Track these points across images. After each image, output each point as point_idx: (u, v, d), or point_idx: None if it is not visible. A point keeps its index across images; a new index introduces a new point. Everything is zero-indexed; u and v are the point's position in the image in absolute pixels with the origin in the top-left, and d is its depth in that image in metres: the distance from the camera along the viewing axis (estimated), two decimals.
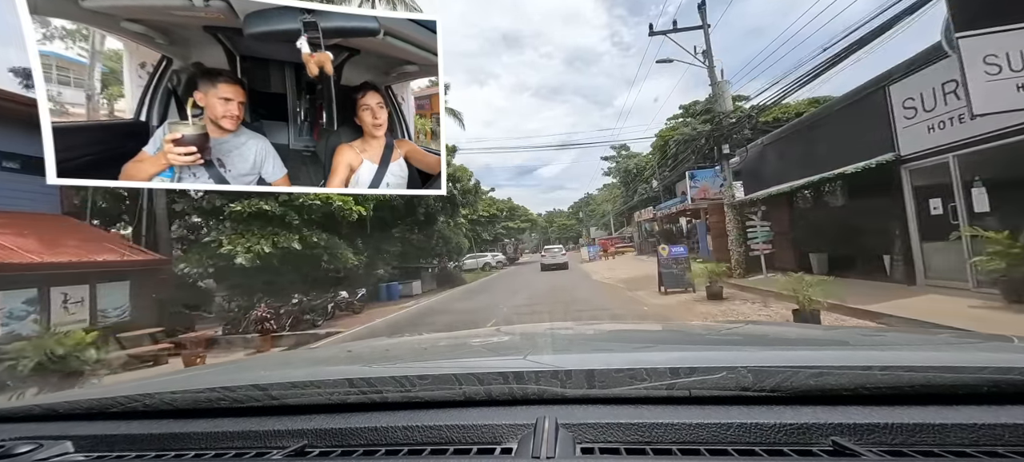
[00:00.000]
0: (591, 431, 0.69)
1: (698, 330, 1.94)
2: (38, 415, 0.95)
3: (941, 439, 0.62)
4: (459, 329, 6.20)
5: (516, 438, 0.69)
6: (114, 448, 0.81)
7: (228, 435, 0.79)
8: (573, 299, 12.82)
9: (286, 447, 0.73)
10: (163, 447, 0.79)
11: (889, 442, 0.63)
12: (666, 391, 0.77)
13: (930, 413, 0.66)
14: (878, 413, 0.67)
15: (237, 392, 0.89)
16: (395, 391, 0.86)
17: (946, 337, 1.52)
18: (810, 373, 0.75)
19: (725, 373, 0.77)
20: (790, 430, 0.65)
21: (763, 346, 1.33)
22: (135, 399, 0.92)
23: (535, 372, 0.87)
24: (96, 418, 0.91)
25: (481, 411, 0.78)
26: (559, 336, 1.60)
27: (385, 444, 0.73)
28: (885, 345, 1.27)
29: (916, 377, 0.74)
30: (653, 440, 0.67)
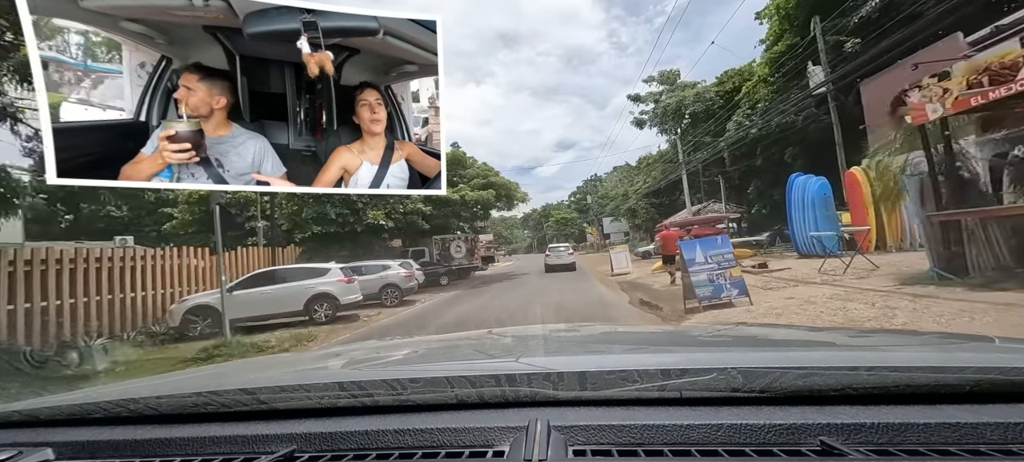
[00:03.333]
0: (583, 433, 0.69)
1: (689, 332, 1.96)
2: (18, 421, 0.92)
3: (925, 438, 0.63)
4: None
5: (508, 440, 0.69)
6: (96, 455, 0.79)
7: (215, 440, 0.78)
8: None
9: (274, 452, 0.72)
10: (147, 453, 0.78)
11: (875, 441, 0.64)
12: (657, 393, 0.77)
13: (914, 412, 0.67)
14: (864, 413, 0.68)
15: (224, 397, 0.88)
16: (386, 394, 0.86)
17: (930, 337, 1.55)
18: (798, 374, 0.76)
19: (715, 374, 0.77)
20: (779, 430, 0.66)
21: (752, 347, 1.35)
22: (119, 404, 0.91)
23: (527, 374, 0.87)
24: (78, 424, 0.89)
25: (473, 414, 0.78)
26: (551, 338, 1.60)
27: (375, 448, 0.72)
28: (871, 346, 1.29)
29: (900, 377, 0.75)
30: (644, 441, 0.67)
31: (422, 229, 21.87)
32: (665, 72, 34.55)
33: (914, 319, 4.97)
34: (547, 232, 72.55)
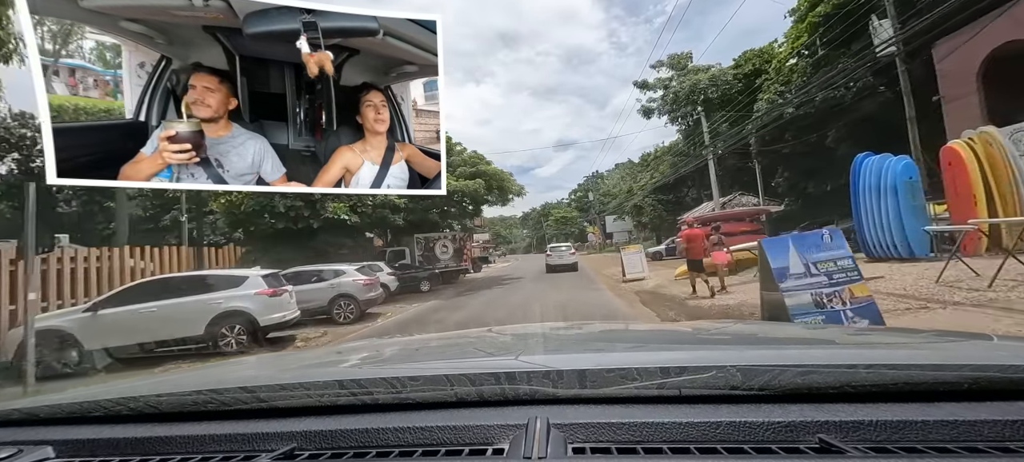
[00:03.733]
0: (582, 431, 0.69)
1: (688, 330, 1.97)
2: (18, 420, 0.93)
3: (924, 435, 0.63)
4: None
5: (508, 438, 0.69)
6: (96, 453, 0.80)
7: (215, 438, 0.78)
8: None
9: (274, 450, 0.73)
10: (147, 451, 0.78)
11: (874, 439, 0.64)
12: (657, 390, 0.77)
13: (913, 410, 0.68)
14: (863, 410, 0.68)
15: (224, 395, 0.88)
16: (385, 392, 0.86)
17: (928, 335, 1.56)
18: (797, 371, 0.77)
19: (714, 372, 0.77)
20: (778, 428, 0.66)
21: (752, 345, 1.36)
22: (119, 403, 0.91)
23: (527, 372, 0.87)
24: (78, 422, 0.89)
25: (473, 412, 0.78)
26: (551, 336, 1.61)
27: (375, 446, 0.72)
28: (870, 344, 1.30)
29: (899, 375, 0.75)
30: (644, 439, 0.67)
31: (396, 225, 18.41)
32: (675, 56, 30.95)
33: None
34: (546, 231, 70.23)
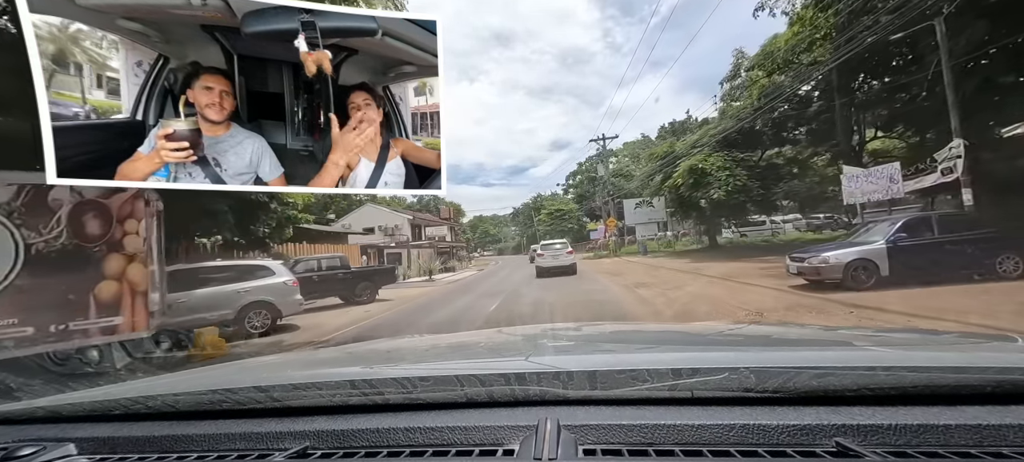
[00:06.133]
0: (593, 432, 0.69)
1: (700, 330, 1.94)
2: (41, 417, 0.95)
3: (945, 440, 0.62)
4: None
5: (518, 439, 0.69)
6: (116, 450, 0.81)
7: (230, 437, 0.79)
8: None
9: (288, 449, 0.74)
10: (165, 449, 0.79)
11: (893, 443, 0.62)
12: (668, 392, 0.76)
13: (934, 414, 0.66)
14: (881, 414, 0.67)
15: (239, 394, 0.90)
16: (397, 393, 0.86)
17: (950, 337, 1.51)
18: (813, 374, 0.75)
19: (727, 374, 0.77)
20: (793, 431, 0.65)
21: (765, 347, 1.33)
22: (137, 401, 0.92)
23: (537, 373, 0.88)
24: (99, 420, 0.91)
25: (483, 412, 0.79)
26: (561, 337, 1.60)
27: (387, 446, 0.73)
28: (888, 345, 1.26)
29: (919, 377, 0.73)
30: (655, 441, 0.67)
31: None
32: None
33: None
34: (538, 228, 57.14)
